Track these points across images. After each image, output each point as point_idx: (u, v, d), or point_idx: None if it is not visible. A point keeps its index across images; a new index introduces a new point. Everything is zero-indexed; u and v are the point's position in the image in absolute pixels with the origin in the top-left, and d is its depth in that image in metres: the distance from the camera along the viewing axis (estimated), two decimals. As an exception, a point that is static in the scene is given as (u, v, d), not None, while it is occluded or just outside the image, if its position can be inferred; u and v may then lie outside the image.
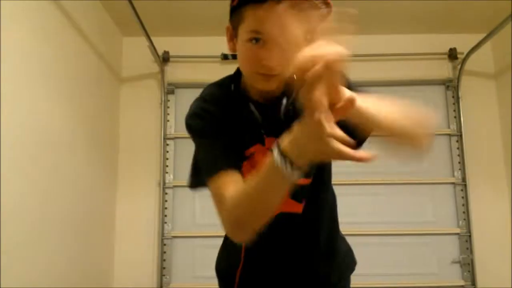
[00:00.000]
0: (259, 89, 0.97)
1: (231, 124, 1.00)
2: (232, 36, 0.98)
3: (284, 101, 0.98)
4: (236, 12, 0.92)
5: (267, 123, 1.00)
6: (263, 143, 1.01)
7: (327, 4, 0.87)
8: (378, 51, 3.19)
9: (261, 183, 0.80)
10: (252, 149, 1.02)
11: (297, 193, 0.98)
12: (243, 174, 0.95)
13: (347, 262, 1.28)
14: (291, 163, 0.72)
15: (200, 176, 1.02)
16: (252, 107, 1.00)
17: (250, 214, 0.86)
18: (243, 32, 0.91)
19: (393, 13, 2.95)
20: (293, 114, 0.95)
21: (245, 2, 0.88)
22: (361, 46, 3.27)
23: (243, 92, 1.04)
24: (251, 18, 0.88)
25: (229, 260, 1.19)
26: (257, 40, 0.89)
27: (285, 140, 0.73)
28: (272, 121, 0.99)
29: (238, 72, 1.06)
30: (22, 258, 1.82)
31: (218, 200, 0.93)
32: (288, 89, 0.98)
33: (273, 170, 0.75)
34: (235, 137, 1.00)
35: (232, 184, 0.90)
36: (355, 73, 3.26)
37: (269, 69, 0.90)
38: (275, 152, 0.74)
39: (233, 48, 0.98)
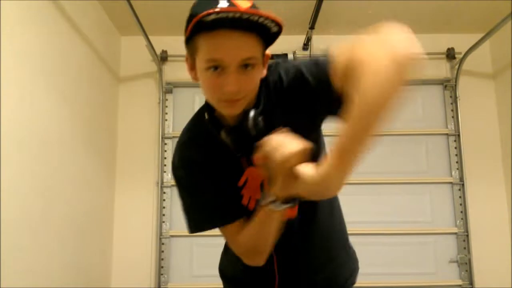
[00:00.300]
0: (226, 115, 0.98)
1: (213, 162, 1.04)
2: (192, 65, 0.96)
3: (251, 113, 0.96)
4: (190, 42, 0.92)
5: (242, 144, 0.98)
6: (249, 164, 1.02)
7: (278, 25, 0.86)
8: (376, 51, 3.19)
9: (262, 221, 0.99)
10: (243, 177, 1.05)
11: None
12: (244, 201, 1.06)
13: (345, 269, 1.28)
14: (277, 201, 0.93)
15: (199, 220, 1.10)
16: (223, 135, 0.99)
17: (260, 244, 1.03)
18: (200, 62, 0.90)
19: (391, 13, 2.95)
20: (263, 124, 0.96)
21: (197, 31, 0.87)
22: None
23: (217, 118, 1.03)
24: (205, 47, 0.88)
25: (245, 268, 1.15)
26: (215, 68, 0.88)
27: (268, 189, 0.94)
28: (246, 140, 0.97)
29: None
30: (21, 258, 1.82)
31: (232, 241, 1.08)
32: (252, 103, 0.99)
33: (266, 211, 0.96)
34: (222, 173, 1.04)
35: (239, 226, 1.04)
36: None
37: (233, 94, 0.90)
38: (262, 199, 0.96)
39: (195, 77, 0.97)
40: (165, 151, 3.13)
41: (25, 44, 1.89)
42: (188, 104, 3.16)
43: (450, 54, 3.18)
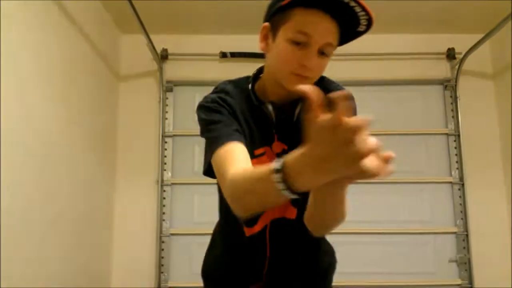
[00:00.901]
0: (288, 89, 0.97)
1: (245, 120, 1.03)
2: (267, 36, 1.00)
3: (301, 104, 1.00)
4: (282, 12, 0.94)
5: (280, 125, 1.04)
6: (272, 145, 1.05)
7: (370, 20, 0.92)
8: (376, 51, 3.20)
9: (256, 183, 0.78)
10: (262, 150, 1.05)
11: (295, 199, 0.97)
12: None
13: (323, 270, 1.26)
14: (289, 186, 0.68)
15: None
16: (269, 107, 1.03)
17: (245, 199, 0.85)
18: (287, 32, 0.93)
19: (391, 13, 2.95)
20: (302, 118, 0.97)
21: (296, 4, 0.90)
22: (361, 45, 3.28)
23: (260, 93, 1.07)
24: (299, 19, 0.91)
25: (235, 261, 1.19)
26: (298, 42, 0.92)
27: (294, 157, 0.66)
28: (285, 124, 1.03)
29: (257, 74, 1.10)
30: (20, 258, 1.82)
31: (221, 174, 0.92)
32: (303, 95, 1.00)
33: (269, 181, 0.70)
34: (248, 133, 1.03)
35: (234, 160, 0.91)
36: (354, 72, 3.30)
37: (307, 70, 0.94)
38: (277, 167, 0.68)
39: (265, 48, 1.01)
40: (166, 149, 3.13)
41: (25, 42, 1.89)
42: (189, 102, 3.16)
43: (450, 54, 3.19)
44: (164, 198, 3.08)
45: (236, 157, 0.91)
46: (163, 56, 3.18)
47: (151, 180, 3.10)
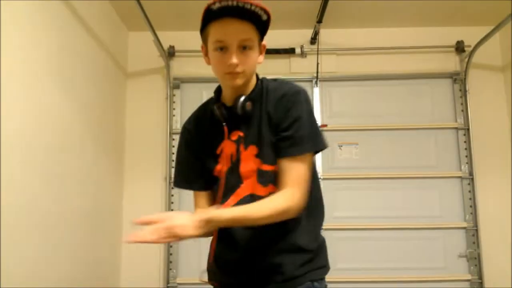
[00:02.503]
0: (230, 87, 1.20)
1: (205, 133, 1.28)
2: (206, 52, 1.22)
3: (242, 98, 1.19)
4: (203, 31, 1.18)
5: (228, 117, 1.22)
6: (228, 137, 1.23)
7: (267, 13, 1.11)
8: (385, 44, 3.18)
9: None
10: (220, 147, 1.24)
11: (263, 178, 1.18)
12: (218, 167, 1.25)
13: (310, 261, 1.21)
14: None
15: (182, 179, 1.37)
16: (215, 107, 1.23)
17: None
18: (210, 44, 1.16)
19: (400, 6, 2.93)
20: (250, 108, 1.20)
21: (208, 21, 1.14)
22: (369, 39, 3.26)
23: (220, 100, 1.28)
24: (213, 32, 1.14)
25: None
26: (221, 48, 1.13)
27: None
28: (233, 117, 1.21)
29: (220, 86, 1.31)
30: (27, 255, 1.83)
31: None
32: (248, 92, 1.24)
33: None
34: (208, 145, 1.26)
35: (202, 200, 1.36)
36: (362, 66, 3.28)
37: (233, 67, 1.13)
38: None
39: (208, 62, 1.22)
40: (173, 146, 3.14)
41: (32, 40, 1.90)
42: (196, 99, 3.16)
43: (459, 47, 3.16)
44: (172, 195, 3.09)
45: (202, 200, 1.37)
46: (170, 53, 3.19)
47: (159, 177, 3.11)
